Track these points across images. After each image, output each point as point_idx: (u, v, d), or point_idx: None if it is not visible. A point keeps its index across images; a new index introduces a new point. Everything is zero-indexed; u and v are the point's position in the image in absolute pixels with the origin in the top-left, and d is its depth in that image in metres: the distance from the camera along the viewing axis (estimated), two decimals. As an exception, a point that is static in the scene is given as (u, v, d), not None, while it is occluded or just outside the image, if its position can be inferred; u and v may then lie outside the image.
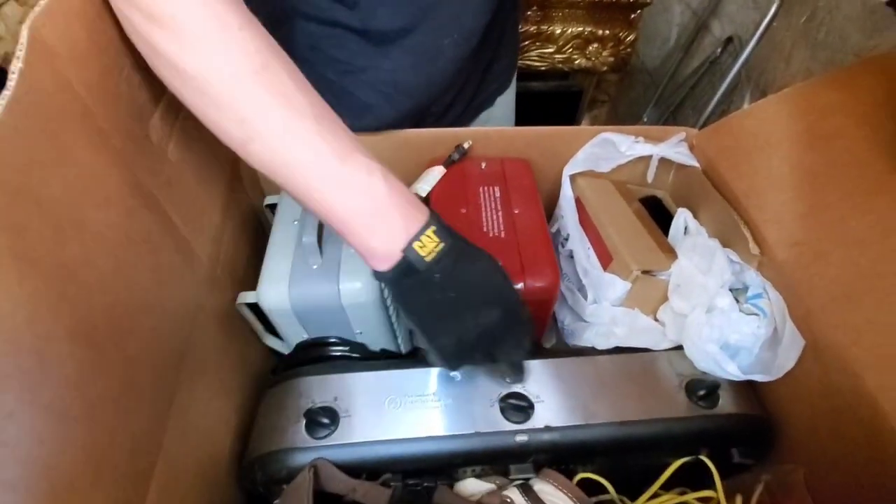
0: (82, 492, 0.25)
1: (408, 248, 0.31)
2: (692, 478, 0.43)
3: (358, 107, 0.52)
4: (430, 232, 0.32)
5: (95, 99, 0.30)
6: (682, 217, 0.52)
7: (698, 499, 0.43)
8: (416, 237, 0.32)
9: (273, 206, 0.53)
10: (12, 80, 0.24)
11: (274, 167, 0.31)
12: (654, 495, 0.43)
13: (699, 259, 0.46)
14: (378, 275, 0.34)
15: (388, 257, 0.32)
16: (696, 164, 0.54)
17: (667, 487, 0.44)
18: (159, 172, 0.36)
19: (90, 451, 0.26)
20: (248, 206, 0.54)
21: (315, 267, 0.45)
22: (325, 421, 0.40)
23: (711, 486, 0.42)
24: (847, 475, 0.38)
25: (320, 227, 0.46)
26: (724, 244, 0.47)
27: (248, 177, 0.54)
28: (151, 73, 0.32)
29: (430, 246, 0.32)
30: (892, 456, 0.33)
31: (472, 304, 0.34)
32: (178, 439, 0.34)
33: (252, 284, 0.46)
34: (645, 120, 1.16)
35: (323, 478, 0.39)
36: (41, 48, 0.26)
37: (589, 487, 0.43)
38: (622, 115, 1.34)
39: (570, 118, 1.27)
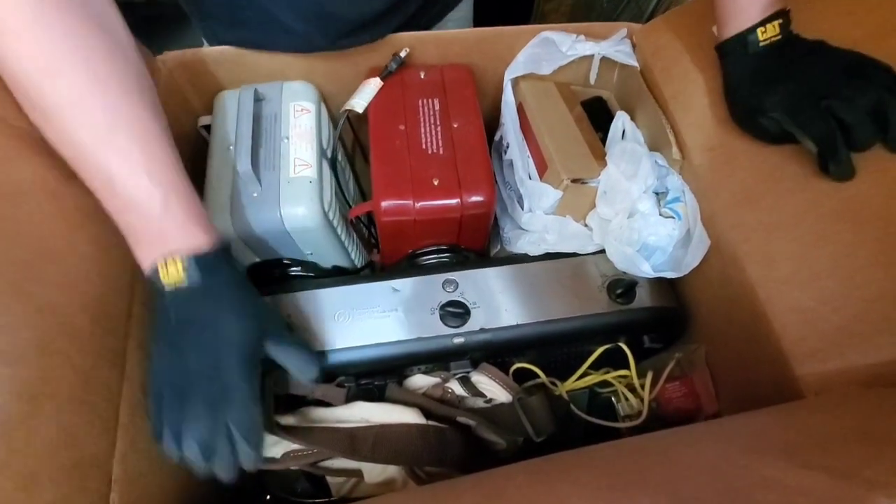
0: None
1: (151, 269, 0.32)
2: (614, 361, 0.50)
3: (285, 31, 0.49)
4: (180, 263, 0.32)
5: None
6: (620, 121, 0.53)
7: (618, 376, 0.50)
8: (163, 261, 0.32)
9: (208, 128, 0.52)
10: None
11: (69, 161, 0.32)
12: (580, 377, 0.50)
13: (626, 165, 0.48)
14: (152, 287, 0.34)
15: (146, 268, 0.33)
16: (636, 65, 0.54)
17: (593, 369, 0.50)
18: None
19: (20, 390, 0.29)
20: (181, 129, 0.53)
21: (255, 195, 0.46)
22: (280, 337, 0.43)
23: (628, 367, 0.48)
24: (735, 351, 0.44)
25: (255, 152, 0.46)
26: (654, 148, 0.49)
27: (175, 99, 0.52)
28: None
29: (172, 276, 0.32)
30: (763, 334, 0.39)
31: (194, 346, 0.33)
32: (138, 365, 0.37)
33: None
34: (602, 9, 1.10)
35: (287, 383, 0.43)
36: None
37: (523, 374, 0.49)
38: (585, 3, 1.25)
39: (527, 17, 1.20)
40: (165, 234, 0.32)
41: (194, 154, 0.53)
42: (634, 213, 0.46)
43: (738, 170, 0.43)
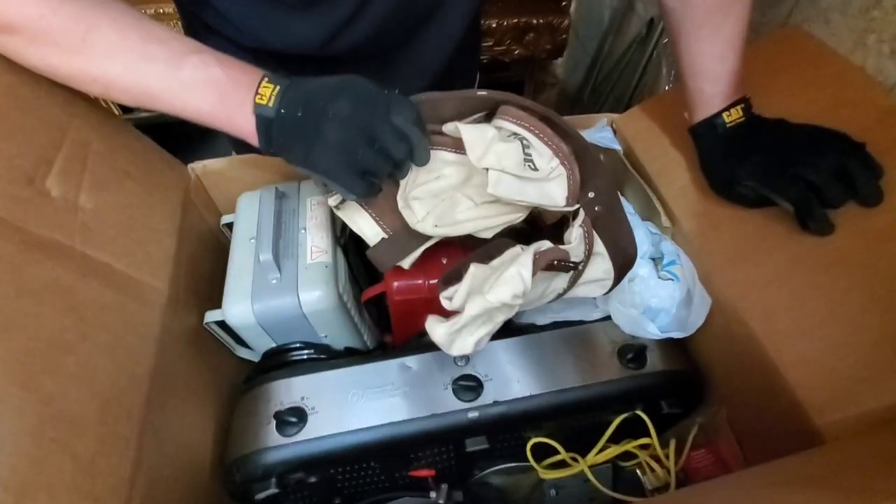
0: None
1: (254, 106, 0.35)
2: (634, 430, 0.49)
3: None
4: (264, 83, 0.36)
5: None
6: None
7: (639, 446, 0.49)
8: (256, 93, 0.35)
9: (230, 226, 0.56)
10: None
11: (136, 101, 0.37)
12: (601, 450, 0.49)
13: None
14: (260, 146, 0.37)
15: (249, 124, 0.36)
16: (619, 148, 0.59)
17: (614, 441, 0.49)
18: (67, 223, 0.38)
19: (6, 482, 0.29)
20: (205, 227, 0.57)
21: (274, 282, 0.48)
22: (294, 419, 0.43)
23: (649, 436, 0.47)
24: (754, 408, 0.43)
25: (276, 242, 0.49)
26: (645, 218, 0.53)
27: (201, 201, 0.57)
28: (31, 141, 0.35)
29: (267, 93, 0.35)
30: (778, 387, 0.39)
31: (320, 109, 0.35)
32: (155, 452, 0.37)
33: (218, 301, 0.49)
34: (585, 102, 1.21)
35: None
36: None
37: (541, 450, 0.48)
38: (571, 97, 1.38)
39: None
40: (238, 79, 0.36)
41: (217, 250, 0.57)
42: (634, 278, 0.48)
43: (725, 232, 0.46)
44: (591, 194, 0.39)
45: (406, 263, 0.43)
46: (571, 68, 1.40)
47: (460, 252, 0.48)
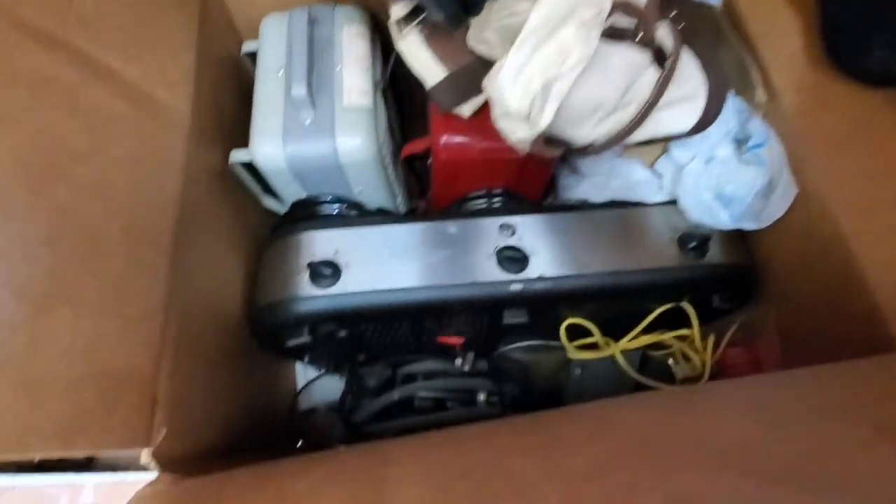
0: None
1: None
2: (673, 321, 0.47)
3: None
4: None
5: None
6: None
7: (677, 337, 0.47)
8: None
9: (253, 56, 0.49)
10: None
11: None
12: (635, 337, 0.47)
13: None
14: None
15: None
16: (716, 2, 0.49)
17: (649, 330, 0.47)
18: (63, 9, 0.32)
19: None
20: (225, 54, 0.50)
21: (308, 122, 0.43)
22: (328, 272, 0.41)
23: (689, 328, 0.45)
24: (811, 312, 0.41)
25: (309, 76, 0.43)
26: (734, 91, 0.45)
27: (220, 20, 0.49)
28: None
29: None
30: (853, 291, 0.36)
31: None
32: (187, 286, 0.35)
33: (241, 142, 0.44)
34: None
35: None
36: None
37: (572, 329, 0.47)
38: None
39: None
40: None
41: (239, 82, 0.50)
42: (713, 159, 0.43)
43: (833, 112, 0.39)
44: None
45: (467, 109, 0.37)
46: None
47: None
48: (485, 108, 0.43)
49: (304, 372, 0.59)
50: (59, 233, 0.28)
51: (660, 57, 0.35)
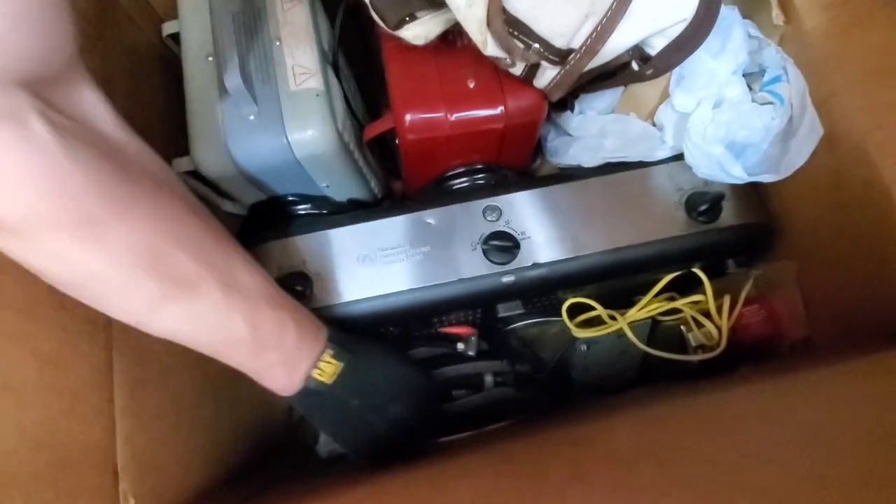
0: None
1: (308, 379, 0.32)
2: (679, 287, 0.42)
3: None
4: (328, 357, 0.33)
5: None
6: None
7: (689, 303, 0.43)
8: (315, 366, 0.32)
9: (175, 37, 0.42)
10: None
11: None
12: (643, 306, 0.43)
13: (711, 38, 0.37)
14: (292, 403, 0.34)
15: (290, 387, 0.32)
16: None
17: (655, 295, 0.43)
18: None
19: None
20: (142, 40, 0.43)
21: (252, 118, 0.37)
22: (298, 288, 0.37)
23: (701, 291, 0.41)
24: (841, 270, 0.36)
25: (243, 61, 0.36)
26: (745, 14, 0.38)
27: (137, 3, 0.41)
28: None
29: (329, 371, 0.33)
30: (891, 245, 0.31)
31: (378, 407, 0.35)
32: (133, 331, 0.31)
33: (181, 146, 0.39)
34: None
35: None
36: None
37: (576, 305, 0.43)
38: None
39: None
40: (305, 343, 0.32)
41: (164, 70, 0.43)
42: (722, 103, 0.37)
43: (871, 32, 0.32)
44: None
45: (418, 32, 0.32)
46: None
47: (492, 74, 0.36)
48: (451, 70, 0.37)
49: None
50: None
51: None
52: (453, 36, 0.37)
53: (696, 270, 0.41)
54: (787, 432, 0.22)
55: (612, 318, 0.43)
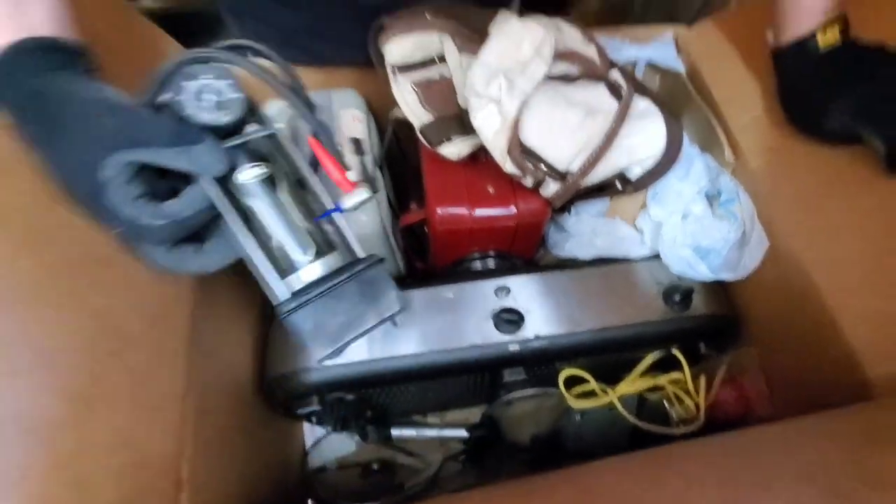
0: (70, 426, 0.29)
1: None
2: (664, 365, 0.49)
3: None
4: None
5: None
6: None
7: (672, 381, 0.50)
8: None
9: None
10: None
11: None
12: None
13: (677, 167, 0.47)
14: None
15: None
16: (681, 69, 0.53)
17: (641, 375, 0.50)
18: None
19: (72, 394, 0.29)
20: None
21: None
22: (335, 343, 0.43)
23: (681, 371, 0.48)
24: (793, 355, 0.43)
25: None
26: (703, 149, 0.49)
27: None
28: None
29: None
30: (830, 337, 0.38)
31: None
32: (202, 366, 0.37)
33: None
34: (635, 12, 1.10)
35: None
36: None
37: (574, 379, 0.49)
38: (615, 5, 1.25)
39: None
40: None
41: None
42: (688, 215, 0.46)
43: (798, 172, 0.42)
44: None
45: (454, 151, 0.43)
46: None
47: (508, 184, 0.45)
48: (475, 178, 0.46)
49: (311, 430, 0.61)
50: (96, 336, 0.31)
51: (616, 92, 0.41)
52: (479, 154, 0.47)
53: (676, 352, 0.48)
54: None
55: (604, 391, 0.50)
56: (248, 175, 0.30)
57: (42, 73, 0.27)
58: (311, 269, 0.32)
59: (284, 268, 0.32)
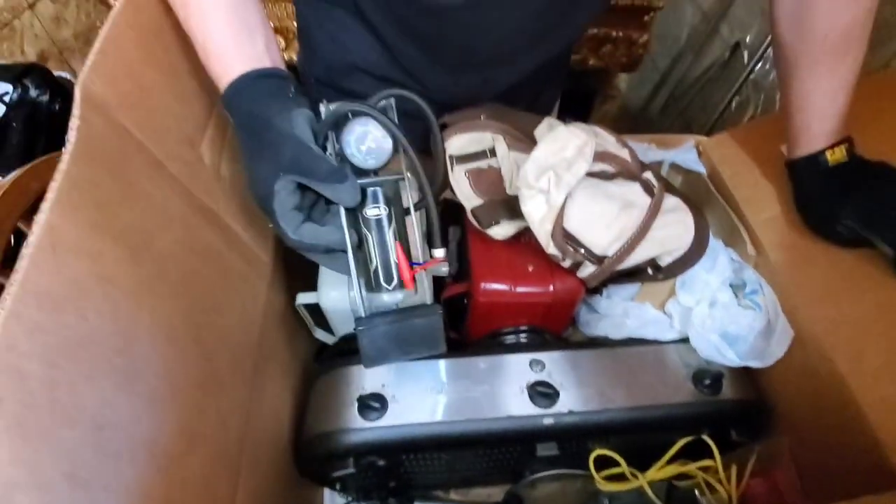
0: (178, 459, 0.31)
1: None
2: (694, 452, 0.49)
3: None
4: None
5: (148, 136, 0.34)
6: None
7: (701, 468, 0.50)
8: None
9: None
10: (72, 135, 0.27)
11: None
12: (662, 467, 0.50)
13: (704, 258, 0.51)
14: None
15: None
16: (703, 171, 0.59)
17: (670, 461, 0.50)
18: (214, 189, 0.41)
19: (183, 427, 0.32)
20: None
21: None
22: (376, 405, 0.46)
23: (711, 459, 0.48)
24: (822, 443, 0.44)
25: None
26: (726, 244, 0.53)
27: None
28: (193, 106, 0.37)
29: None
30: (855, 425, 0.39)
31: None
32: (257, 416, 0.40)
33: (302, 284, 0.51)
34: (652, 119, 1.20)
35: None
36: (93, 102, 0.29)
37: (603, 462, 0.49)
38: (633, 112, 1.37)
39: (583, 118, 1.32)
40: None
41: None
42: (715, 303, 0.49)
43: (817, 268, 0.46)
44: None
45: (501, 232, 0.48)
46: (637, 83, 1.38)
47: (546, 264, 0.50)
48: (516, 256, 0.51)
49: (330, 498, 0.60)
50: (205, 377, 0.34)
51: (649, 190, 0.46)
52: (519, 236, 0.52)
53: (706, 438, 0.49)
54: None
55: (634, 475, 0.50)
56: (370, 213, 0.37)
57: (259, 97, 0.35)
58: (391, 296, 0.39)
59: (373, 286, 0.39)
